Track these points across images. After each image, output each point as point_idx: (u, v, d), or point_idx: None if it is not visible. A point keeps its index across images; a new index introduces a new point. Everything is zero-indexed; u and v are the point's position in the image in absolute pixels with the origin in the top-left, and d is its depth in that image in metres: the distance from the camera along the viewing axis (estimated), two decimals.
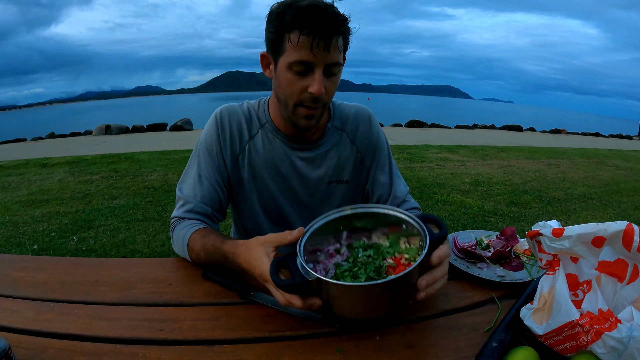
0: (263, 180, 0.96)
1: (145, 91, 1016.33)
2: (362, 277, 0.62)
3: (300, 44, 0.75)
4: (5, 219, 3.33)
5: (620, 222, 0.56)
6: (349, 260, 0.68)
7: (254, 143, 0.95)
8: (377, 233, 0.74)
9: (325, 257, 0.71)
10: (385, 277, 0.60)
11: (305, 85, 0.80)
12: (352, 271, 0.64)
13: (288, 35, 0.77)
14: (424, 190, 4.22)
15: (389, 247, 0.69)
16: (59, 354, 0.59)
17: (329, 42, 0.76)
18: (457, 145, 7.76)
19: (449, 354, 0.61)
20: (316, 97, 0.80)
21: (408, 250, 0.68)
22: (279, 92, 0.85)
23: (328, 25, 0.75)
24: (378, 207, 0.72)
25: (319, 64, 0.78)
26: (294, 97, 0.82)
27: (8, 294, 0.75)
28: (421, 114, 26.07)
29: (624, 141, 12.04)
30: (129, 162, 5.58)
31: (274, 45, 0.81)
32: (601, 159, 7.03)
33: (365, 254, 0.69)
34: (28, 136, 10.15)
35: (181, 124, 10.46)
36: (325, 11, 0.75)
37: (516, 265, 0.87)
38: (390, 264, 0.65)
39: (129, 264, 0.90)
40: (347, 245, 0.73)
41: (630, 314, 0.51)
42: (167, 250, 2.70)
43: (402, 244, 0.70)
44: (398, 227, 0.71)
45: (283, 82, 0.82)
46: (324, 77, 0.80)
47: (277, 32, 0.78)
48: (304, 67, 0.78)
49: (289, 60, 0.78)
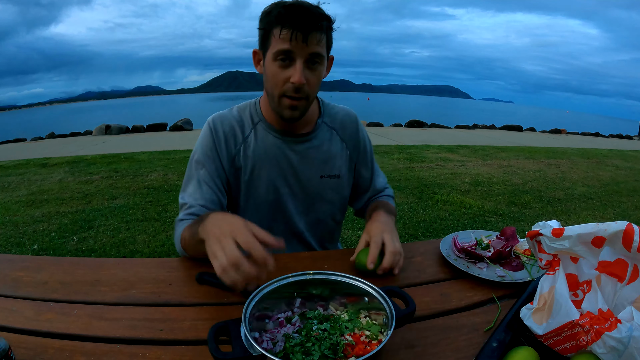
0: (260, 177, 0.99)
1: (145, 91, 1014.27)
2: (315, 355, 0.54)
3: (282, 36, 0.83)
4: (5, 219, 3.33)
5: (620, 222, 0.56)
6: (301, 333, 0.60)
7: (247, 142, 0.99)
8: (334, 303, 0.67)
9: (274, 325, 0.63)
10: (342, 358, 0.54)
11: (288, 76, 0.86)
12: (305, 346, 0.56)
13: (274, 30, 0.84)
14: (424, 190, 4.22)
15: (347, 322, 0.62)
16: (59, 354, 0.59)
17: (307, 35, 0.83)
18: (457, 145, 7.77)
19: (449, 354, 0.61)
20: (298, 87, 0.86)
21: (370, 327, 0.61)
22: (267, 84, 0.92)
23: (307, 20, 0.83)
24: (341, 275, 0.66)
25: (299, 55, 0.85)
26: (278, 87, 0.88)
27: (8, 294, 0.75)
28: (421, 114, 26.07)
29: (624, 141, 12.03)
30: (129, 162, 5.58)
31: (263, 41, 0.89)
32: (601, 159, 7.03)
33: (320, 327, 0.60)
34: (28, 136, 10.14)
35: (181, 124, 10.46)
36: (306, 9, 0.83)
37: (516, 265, 0.87)
38: (349, 342, 0.57)
39: (129, 264, 0.90)
40: (300, 315, 0.65)
41: (630, 314, 0.51)
42: (167, 250, 2.70)
43: (362, 318, 0.63)
44: (359, 298, 0.64)
45: (269, 73, 0.89)
46: (305, 69, 0.86)
47: (265, 29, 0.87)
48: (285, 56, 0.85)
49: (272, 51, 0.86)
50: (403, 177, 4.77)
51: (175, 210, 3.48)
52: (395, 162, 5.77)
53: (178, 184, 4.35)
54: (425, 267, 0.89)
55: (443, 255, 0.90)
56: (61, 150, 7.02)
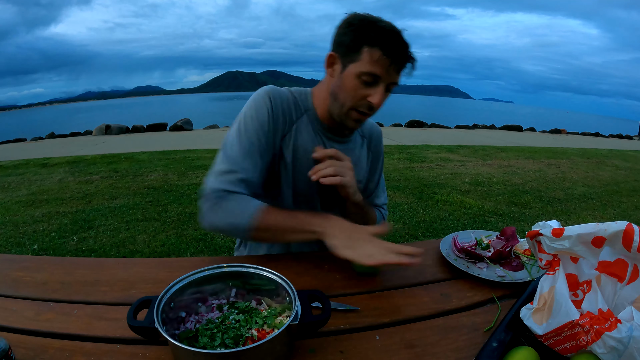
0: (302, 164, 0.96)
1: (145, 91, 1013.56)
2: (216, 341, 0.57)
3: (379, 61, 0.84)
4: (5, 219, 3.33)
5: (620, 222, 0.56)
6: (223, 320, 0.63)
7: (299, 125, 0.97)
8: (270, 298, 0.68)
9: (206, 310, 0.67)
10: (230, 348, 0.56)
11: (367, 94, 0.87)
12: (213, 332, 0.59)
13: (369, 49, 0.84)
14: (424, 190, 4.22)
15: (264, 317, 0.63)
16: (59, 354, 0.59)
17: (402, 68, 0.87)
18: (457, 145, 7.77)
19: (449, 354, 0.61)
20: (372, 107, 0.89)
21: (280, 326, 0.61)
22: (339, 92, 0.90)
23: (404, 52, 0.86)
24: (265, 270, 0.67)
25: (385, 80, 0.87)
26: (353, 101, 0.89)
27: (8, 294, 0.75)
28: (421, 114, 26.06)
29: (624, 141, 12.04)
30: (129, 162, 5.58)
31: (348, 51, 0.87)
32: (601, 159, 7.03)
33: (235, 318, 0.63)
34: (28, 136, 10.14)
35: (181, 124, 10.45)
36: (404, 41, 0.85)
37: (516, 265, 0.87)
38: (252, 336, 0.59)
39: (129, 264, 0.90)
40: (231, 304, 0.68)
41: (630, 314, 0.51)
42: (167, 250, 2.70)
43: (280, 317, 0.64)
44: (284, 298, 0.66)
45: (348, 85, 0.88)
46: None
47: (356, 42, 0.85)
48: (372, 79, 0.86)
49: (361, 70, 0.85)
50: (403, 177, 4.77)
51: (175, 210, 3.48)
52: (395, 162, 5.77)
53: (178, 183, 4.35)
54: (425, 267, 0.89)
55: (443, 255, 0.90)
56: (61, 150, 7.02)
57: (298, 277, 0.83)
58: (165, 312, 0.60)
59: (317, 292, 0.64)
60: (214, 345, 0.57)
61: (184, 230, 3.05)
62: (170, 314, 0.61)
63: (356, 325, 0.68)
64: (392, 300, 0.76)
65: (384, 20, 0.86)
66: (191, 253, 2.66)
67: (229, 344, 0.57)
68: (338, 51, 0.89)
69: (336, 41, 0.90)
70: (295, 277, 0.81)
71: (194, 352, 0.51)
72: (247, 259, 0.98)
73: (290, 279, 0.64)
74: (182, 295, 0.64)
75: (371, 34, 0.84)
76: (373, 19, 0.86)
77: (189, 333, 0.60)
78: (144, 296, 0.61)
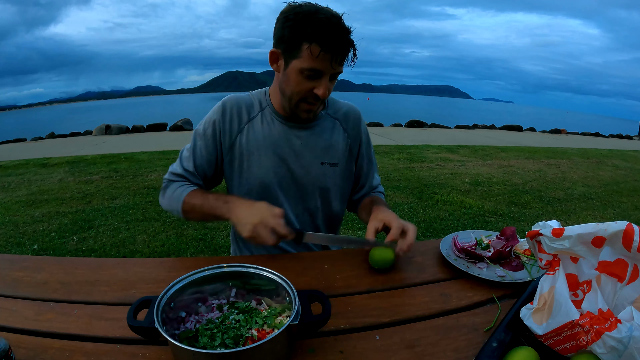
0: (260, 158, 1.02)
1: (145, 91, 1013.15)
2: (216, 341, 0.57)
3: (320, 57, 0.85)
4: (5, 219, 3.33)
5: (620, 222, 0.56)
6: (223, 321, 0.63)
7: (252, 124, 1.03)
8: (270, 299, 0.68)
9: (206, 310, 0.67)
10: (230, 348, 0.56)
11: (312, 86, 0.91)
12: (213, 332, 0.59)
13: (308, 46, 0.85)
14: (424, 190, 4.22)
15: (264, 317, 0.63)
16: (59, 354, 0.59)
17: (342, 60, 0.89)
18: (457, 145, 7.76)
19: (449, 354, 0.61)
20: (319, 97, 0.92)
21: (280, 326, 0.61)
22: (285, 87, 0.94)
23: (344, 44, 0.86)
24: (272, 273, 0.67)
25: (328, 73, 0.89)
26: (300, 95, 0.93)
27: (8, 294, 0.75)
28: (421, 114, 26.07)
29: (624, 141, 12.03)
30: (129, 162, 5.58)
31: (288, 47, 0.89)
32: (601, 159, 7.03)
33: (235, 318, 0.63)
34: (28, 136, 10.13)
35: (181, 124, 10.45)
36: (341, 29, 0.85)
37: (516, 265, 0.87)
38: (252, 336, 0.59)
39: (129, 264, 0.90)
40: (232, 304, 0.68)
41: (630, 314, 0.51)
42: (167, 250, 2.70)
43: (280, 317, 0.64)
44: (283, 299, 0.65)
45: (292, 81, 0.91)
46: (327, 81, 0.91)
47: (295, 38, 0.86)
48: (314, 73, 0.88)
49: (303, 66, 0.87)
50: (403, 177, 4.77)
51: None
52: (395, 162, 5.77)
53: None
54: (425, 267, 0.89)
55: (443, 255, 0.90)
56: (61, 150, 7.02)
57: (298, 277, 0.83)
58: (165, 312, 0.60)
59: (317, 292, 0.64)
60: (214, 345, 0.57)
61: (183, 230, 3.05)
62: (170, 314, 0.61)
63: (356, 325, 0.68)
64: (392, 300, 0.76)
65: (323, 8, 0.87)
66: (191, 253, 2.66)
67: (229, 344, 0.57)
68: (279, 47, 0.92)
69: (276, 36, 0.91)
70: (295, 277, 0.81)
71: (194, 352, 0.51)
72: (247, 259, 0.99)
73: (290, 279, 0.64)
74: (182, 295, 0.64)
75: (308, 30, 0.84)
76: (310, 9, 0.86)
77: (189, 333, 0.60)
78: (144, 296, 0.61)
